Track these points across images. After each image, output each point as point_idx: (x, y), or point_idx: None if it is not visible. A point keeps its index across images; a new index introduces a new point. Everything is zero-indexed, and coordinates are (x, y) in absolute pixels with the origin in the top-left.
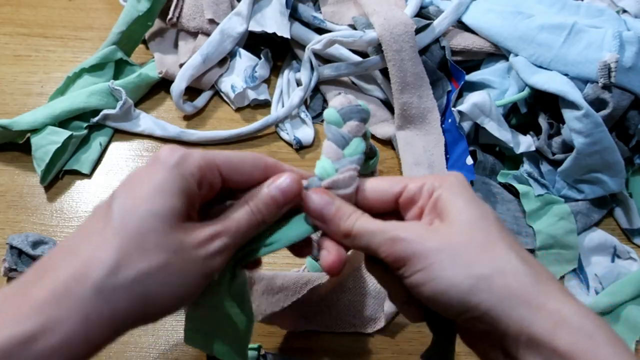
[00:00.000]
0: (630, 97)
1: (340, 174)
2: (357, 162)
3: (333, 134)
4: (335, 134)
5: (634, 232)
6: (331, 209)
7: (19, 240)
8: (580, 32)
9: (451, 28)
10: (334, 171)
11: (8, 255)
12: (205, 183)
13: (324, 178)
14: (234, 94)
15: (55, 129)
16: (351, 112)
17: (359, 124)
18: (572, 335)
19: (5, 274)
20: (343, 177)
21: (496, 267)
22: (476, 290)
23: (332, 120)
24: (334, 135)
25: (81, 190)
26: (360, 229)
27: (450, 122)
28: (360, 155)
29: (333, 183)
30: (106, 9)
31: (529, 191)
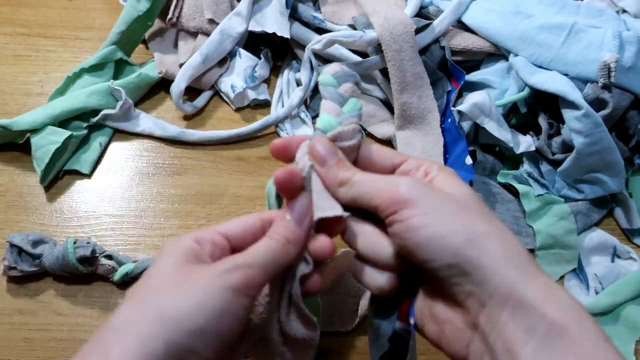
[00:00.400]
0: (630, 97)
1: (344, 126)
2: (358, 117)
3: (330, 93)
4: (333, 93)
5: (634, 232)
6: (334, 156)
7: (20, 239)
8: (580, 32)
9: (451, 28)
10: (337, 124)
11: (8, 254)
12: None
13: (327, 131)
14: (233, 94)
15: (55, 129)
16: (345, 75)
17: (354, 86)
18: (562, 307)
19: (4, 272)
20: (347, 129)
21: (493, 230)
22: (473, 244)
23: (328, 82)
24: (331, 94)
25: (81, 190)
26: (360, 177)
27: (450, 122)
28: (359, 112)
29: (338, 135)
30: (106, 9)
31: (528, 191)
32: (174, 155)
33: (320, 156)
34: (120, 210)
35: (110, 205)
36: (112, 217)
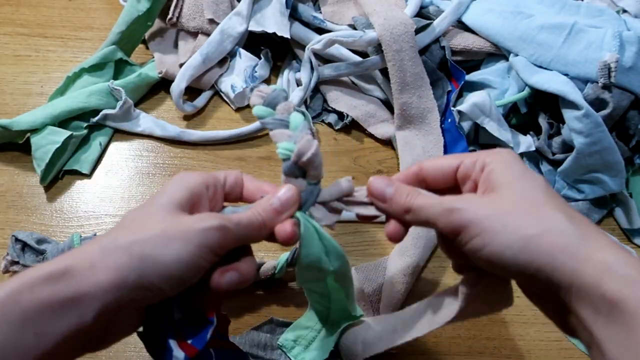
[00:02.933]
0: (630, 97)
1: (298, 145)
2: (306, 127)
3: (272, 123)
4: (273, 121)
5: (634, 232)
6: (391, 189)
7: (24, 235)
8: (580, 32)
9: (451, 28)
10: (294, 146)
11: (11, 249)
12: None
13: (289, 157)
14: (234, 94)
15: (55, 129)
16: (273, 98)
17: (286, 103)
18: (618, 282)
19: (6, 268)
20: (302, 145)
21: (543, 228)
22: (527, 250)
23: (264, 114)
24: (272, 124)
25: (81, 190)
26: (420, 203)
27: (450, 122)
28: (305, 122)
29: (298, 153)
30: (106, 9)
31: None
32: (174, 155)
33: (378, 191)
34: (120, 210)
35: (110, 205)
36: (112, 217)
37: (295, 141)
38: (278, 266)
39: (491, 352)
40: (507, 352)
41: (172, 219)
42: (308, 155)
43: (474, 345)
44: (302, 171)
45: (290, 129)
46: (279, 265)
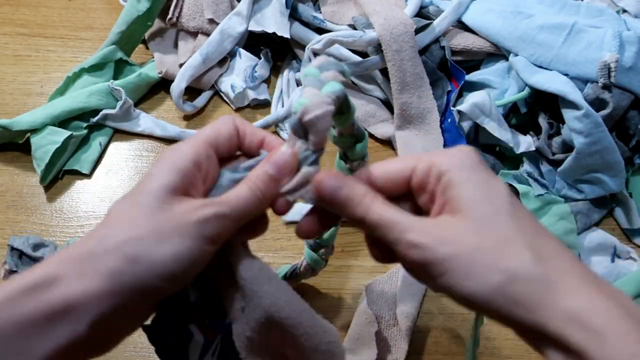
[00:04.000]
0: (630, 97)
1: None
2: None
3: (309, 80)
4: (312, 80)
5: (634, 232)
6: (341, 194)
7: (20, 242)
8: (580, 32)
9: (451, 28)
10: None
11: (9, 257)
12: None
13: (297, 111)
14: (233, 94)
15: (55, 129)
16: (329, 64)
17: (336, 73)
18: (582, 334)
19: (5, 276)
20: (312, 102)
21: (509, 275)
22: (492, 298)
23: (310, 73)
24: (310, 81)
25: (81, 190)
26: (374, 220)
27: (449, 122)
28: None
29: (303, 110)
30: (106, 9)
31: (529, 191)
32: None
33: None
34: None
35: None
36: None
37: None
38: None
39: (491, 352)
40: (507, 352)
41: (164, 210)
42: (311, 115)
43: None
44: (305, 133)
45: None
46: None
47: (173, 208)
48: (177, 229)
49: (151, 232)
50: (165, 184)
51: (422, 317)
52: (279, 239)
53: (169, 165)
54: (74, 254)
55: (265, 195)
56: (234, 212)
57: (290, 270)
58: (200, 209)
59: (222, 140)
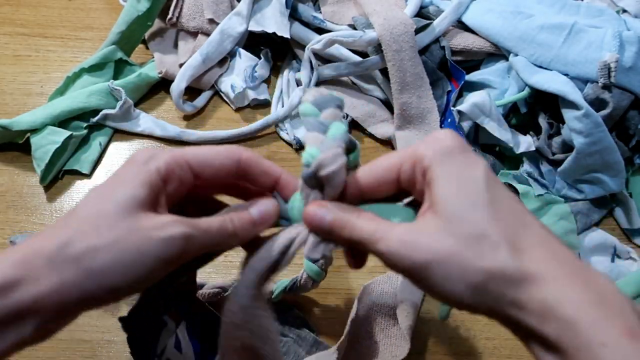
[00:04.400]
0: (630, 97)
1: (324, 153)
2: (341, 141)
3: (311, 123)
4: (314, 123)
5: (634, 232)
6: (325, 221)
7: (22, 239)
8: (580, 32)
9: (451, 28)
10: (319, 153)
11: None
12: (174, 178)
13: (310, 163)
14: (233, 94)
15: (55, 129)
16: (325, 101)
17: (335, 110)
18: (557, 325)
19: None
20: (326, 155)
21: (485, 273)
22: (474, 299)
23: (309, 112)
24: (312, 124)
25: (81, 190)
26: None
27: (449, 122)
28: (344, 135)
29: (319, 163)
30: (106, 9)
31: (529, 191)
32: None
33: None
34: None
35: None
36: None
37: (322, 150)
38: (276, 291)
39: (491, 352)
40: (507, 352)
41: (129, 222)
42: (328, 169)
43: (474, 345)
44: (320, 184)
45: (325, 136)
46: (276, 290)
47: (139, 222)
48: (137, 245)
49: (111, 244)
50: (134, 195)
51: (422, 317)
52: None
53: (141, 177)
54: (31, 255)
55: (237, 235)
56: (201, 237)
57: (290, 283)
58: (168, 227)
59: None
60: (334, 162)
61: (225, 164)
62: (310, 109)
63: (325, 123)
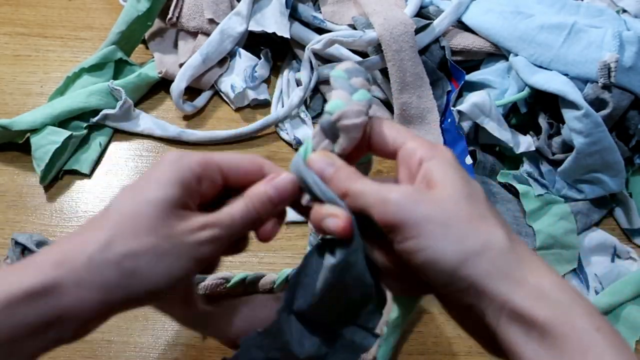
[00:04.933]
0: (630, 97)
1: (349, 106)
2: (366, 104)
3: (341, 84)
4: (343, 83)
5: (634, 232)
6: (330, 170)
7: (24, 238)
8: (580, 32)
9: (451, 28)
10: (344, 105)
11: (11, 252)
12: (206, 179)
13: (333, 112)
14: (233, 94)
15: (54, 129)
16: (357, 70)
17: (364, 81)
18: (551, 308)
19: None
20: (351, 108)
21: (484, 243)
22: (465, 264)
23: (340, 75)
24: (341, 84)
25: (81, 190)
26: (355, 190)
27: (449, 122)
28: (369, 100)
29: (342, 113)
30: (106, 8)
31: (529, 191)
32: None
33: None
34: None
35: None
36: None
37: (347, 104)
38: (277, 281)
39: None
40: None
41: (165, 226)
42: (350, 121)
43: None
44: (335, 135)
45: (352, 97)
46: (278, 279)
47: (173, 225)
48: (174, 249)
49: (151, 249)
50: (168, 196)
51: (422, 317)
52: (279, 239)
53: (174, 176)
54: (71, 258)
55: (260, 216)
56: (227, 233)
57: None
58: (197, 232)
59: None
60: (357, 116)
61: (250, 169)
62: (340, 73)
63: (354, 86)
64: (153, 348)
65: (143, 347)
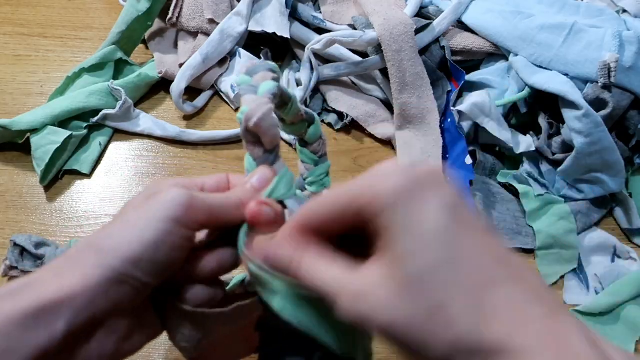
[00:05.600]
0: (630, 97)
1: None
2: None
3: (244, 89)
4: (245, 88)
5: (634, 232)
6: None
7: (23, 239)
8: (580, 32)
9: (451, 28)
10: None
11: (10, 253)
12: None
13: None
14: (233, 94)
15: (54, 129)
16: (256, 67)
17: (265, 73)
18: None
19: (5, 272)
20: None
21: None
22: None
23: (241, 81)
24: (244, 89)
25: (81, 190)
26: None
27: (449, 122)
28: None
29: (245, 118)
30: (106, 8)
31: (529, 191)
32: (174, 155)
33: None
34: None
35: (110, 205)
36: (112, 217)
37: (248, 105)
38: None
39: None
40: None
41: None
42: (254, 119)
43: None
44: (257, 137)
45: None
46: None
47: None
48: (144, 213)
49: (122, 222)
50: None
51: None
52: None
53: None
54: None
55: (243, 201)
56: (207, 199)
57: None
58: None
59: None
60: (258, 110)
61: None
62: (243, 78)
63: (255, 85)
64: (153, 348)
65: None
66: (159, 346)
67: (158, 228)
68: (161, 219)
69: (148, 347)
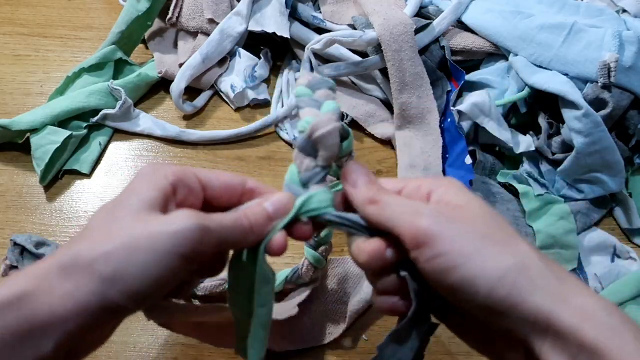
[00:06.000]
0: (630, 97)
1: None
2: (335, 113)
3: (305, 101)
4: (308, 100)
5: (634, 232)
6: (366, 178)
7: (23, 239)
8: (580, 32)
9: (451, 28)
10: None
11: (10, 253)
12: (182, 187)
13: (304, 130)
14: (233, 94)
15: (54, 129)
16: (318, 83)
17: (328, 91)
18: (598, 330)
19: (5, 272)
20: (320, 119)
21: (522, 261)
22: (504, 282)
23: (303, 93)
24: (306, 102)
25: (81, 190)
26: (388, 199)
27: (449, 122)
28: (337, 110)
29: (314, 126)
30: (106, 8)
31: (529, 191)
32: (174, 155)
33: (353, 177)
34: None
35: None
36: None
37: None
38: (277, 281)
39: None
40: None
41: (140, 222)
42: (322, 131)
43: None
44: (315, 150)
45: (319, 111)
46: (278, 280)
47: (150, 221)
48: (149, 242)
49: (123, 246)
50: (144, 198)
51: None
52: None
53: (151, 183)
54: (45, 269)
55: (253, 230)
56: (217, 229)
57: (291, 273)
58: (179, 220)
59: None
60: (328, 124)
61: (231, 182)
62: (304, 91)
63: (319, 100)
64: (153, 348)
65: (143, 347)
66: (158, 346)
67: (164, 265)
68: (169, 253)
69: (148, 347)
